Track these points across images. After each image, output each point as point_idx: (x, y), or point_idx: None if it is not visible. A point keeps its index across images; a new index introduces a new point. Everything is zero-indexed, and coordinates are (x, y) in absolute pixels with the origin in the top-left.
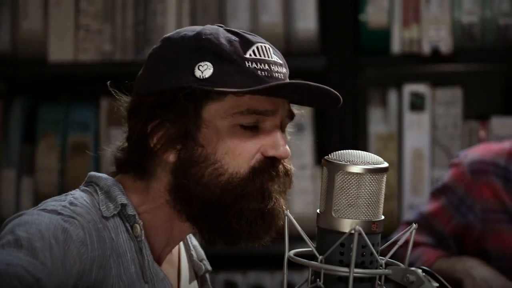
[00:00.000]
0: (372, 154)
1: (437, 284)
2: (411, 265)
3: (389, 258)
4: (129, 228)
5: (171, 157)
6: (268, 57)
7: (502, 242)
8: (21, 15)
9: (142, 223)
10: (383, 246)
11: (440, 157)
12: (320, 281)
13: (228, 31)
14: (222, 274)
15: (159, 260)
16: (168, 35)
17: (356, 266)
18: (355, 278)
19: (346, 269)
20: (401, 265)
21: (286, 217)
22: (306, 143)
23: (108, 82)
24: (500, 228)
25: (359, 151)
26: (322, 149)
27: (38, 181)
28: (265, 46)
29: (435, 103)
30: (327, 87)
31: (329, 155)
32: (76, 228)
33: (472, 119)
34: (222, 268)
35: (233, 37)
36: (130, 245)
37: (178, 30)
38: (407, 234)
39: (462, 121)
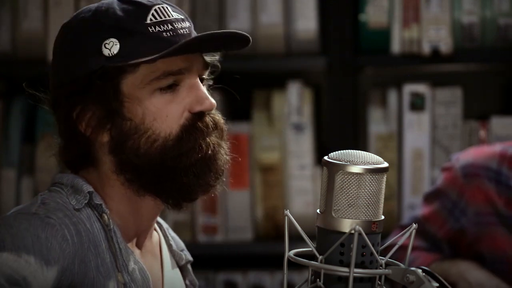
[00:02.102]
0: (372, 154)
1: (437, 284)
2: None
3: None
4: (99, 217)
5: (105, 138)
6: (169, 16)
7: (495, 245)
8: (21, 15)
9: (108, 211)
10: (382, 247)
11: (440, 157)
12: (320, 281)
13: (123, 1)
14: (222, 274)
15: (137, 247)
16: (66, 21)
17: (356, 266)
18: (355, 278)
19: (346, 269)
20: (401, 265)
21: (286, 217)
22: (306, 143)
23: (24, 83)
24: (493, 231)
25: (359, 151)
26: (322, 149)
27: (38, 181)
28: (162, 7)
29: (435, 103)
30: (232, 30)
31: (329, 155)
32: (54, 225)
33: (472, 119)
34: (222, 268)
35: (130, 7)
36: (103, 234)
37: (75, 13)
38: (407, 235)
39: (462, 121)
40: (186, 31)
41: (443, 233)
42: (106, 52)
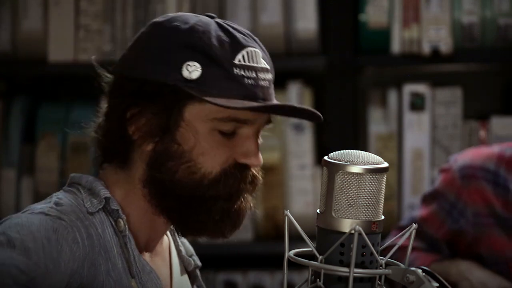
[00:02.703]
0: (372, 154)
1: (437, 284)
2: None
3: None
4: (113, 223)
5: (149, 147)
6: (256, 63)
7: (493, 247)
8: (21, 15)
9: (125, 217)
10: (382, 247)
11: (440, 157)
12: (320, 281)
13: (221, 27)
14: (222, 274)
15: (146, 251)
16: (159, 20)
17: (356, 266)
18: (355, 278)
19: (346, 269)
20: (401, 265)
21: (286, 217)
22: (306, 143)
23: (93, 57)
24: (491, 233)
25: (359, 151)
26: (322, 149)
27: (38, 181)
28: (254, 51)
29: (435, 103)
30: (309, 108)
31: (329, 155)
32: (65, 227)
33: (472, 119)
34: (222, 268)
35: (225, 38)
36: (116, 239)
37: (170, 16)
38: (407, 235)
39: (462, 121)
40: (266, 84)
41: (442, 234)
42: (185, 73)
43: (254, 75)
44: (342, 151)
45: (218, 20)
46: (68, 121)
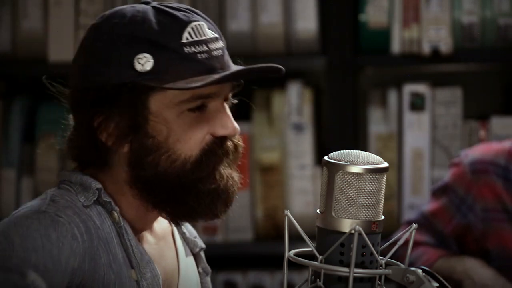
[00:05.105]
0: (372, 154)
1: (437, 284)
2: (411, 264)
3: (389, 258)
4: (109, 214)
5: (125, 149)
6: (204, 36)
7: (503, 242)
8: (21, 15)
9: (118, 209)
10: (383, 246)
11: (440, 157)
12: (320, 281)
13: (159, 11)
14: (222, 274)
15: (143, 239)
16: (96, 22)
17: (356, 266)
18: (355, 278)
19: (346, 269)
20: (401, 265)
21: (286, 217)
22: (306, 143)
23: (44, 76)
24: (500, 228)
25: (359, 151)
26: (322, 149)
27: (38, 181)
28: (199, 25)
29: (435, 103)
30: (267, 65)
31: (329, 155)
32: (64, 223)
33: (472, 119)
34: (222, 268)
35: (166, 20)
36: (114, 230)
37: (107, 14)
38: (407, 234)
39: (462, 121)
40: (220, 53)
41: (450, 229)
42: (138, 67)
43: (205, 48)
44: (342, 151)
45: (155, 3)
46: (68, 121)
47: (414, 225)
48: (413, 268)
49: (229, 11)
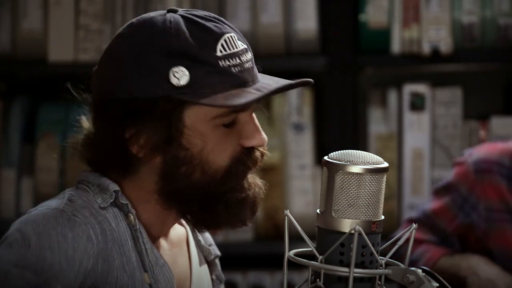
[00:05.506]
0: (372, 154)
1: (437, 284)
2: (414, 262)
3: (390, 257)
4: (125, 216)
5: (157, 160)
6: (236, 48)
7: (505, 242)
8: (21, 15)
9: (135, 212)
10: (383, 246)
11: (440, 157)
12: (320, 281)
13: (190, 21)
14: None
15: (158, 244)
16: (125, 31)
17: (356, 266)
18: (355, 278)
19: (346, 269)
20: (401, 265)
21: (286, 217)
22: (306, 143)
23: (68, 83)
24: (503, 228)
25: (359, 151)
26: (322, 149)
27: (38, 181)
28: (231, 36)
29: (435, 103)
30: (302, 80)
31: (329, 155)
32: (80, 224)
33: (472, 119)
34: (222, 268)
35: (199, 32)
36: (129, 233)
37: (134, 24)
38: (408, 234)
39: (462, 121)
40: (250, 65)
41: (453, 227)
42: (174, 81)
43: (238, 61)
44: (342, 151)
45: (182, 12)
46: (68, 121)
47: (414, 225)
48: (413, 268)
49: (229, 11)
